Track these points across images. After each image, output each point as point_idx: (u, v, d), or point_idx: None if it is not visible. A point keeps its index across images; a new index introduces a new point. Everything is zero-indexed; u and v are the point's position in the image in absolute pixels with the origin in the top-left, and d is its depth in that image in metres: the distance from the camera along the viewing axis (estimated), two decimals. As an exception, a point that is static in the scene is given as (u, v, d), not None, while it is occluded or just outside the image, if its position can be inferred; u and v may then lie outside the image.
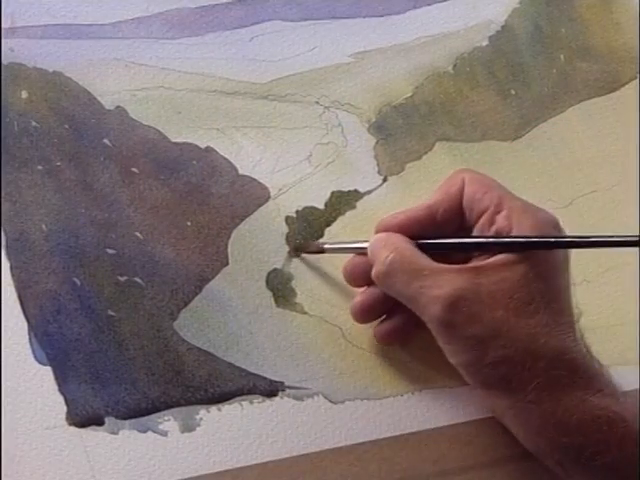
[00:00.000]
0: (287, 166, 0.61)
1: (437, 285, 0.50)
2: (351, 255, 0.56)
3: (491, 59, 0.65)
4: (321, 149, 0.61)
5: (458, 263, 0.52)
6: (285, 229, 0.59)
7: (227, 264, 0.58)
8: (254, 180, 0.60)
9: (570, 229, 0.61)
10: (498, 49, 0.65)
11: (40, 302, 0.55)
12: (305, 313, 0.58)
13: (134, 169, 0.59)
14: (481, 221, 0.53)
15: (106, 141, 0.59)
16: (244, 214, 0.59)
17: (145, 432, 0.54)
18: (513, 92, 0.64)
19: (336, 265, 0.59)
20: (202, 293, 0.57)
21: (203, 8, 0.63)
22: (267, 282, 0.58)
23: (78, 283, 0.56)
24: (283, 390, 0.56)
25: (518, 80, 0.65)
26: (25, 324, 0.55)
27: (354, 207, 0.60)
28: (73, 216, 0.57)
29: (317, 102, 0.62)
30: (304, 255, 0.58)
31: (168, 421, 0.54)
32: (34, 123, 0.59)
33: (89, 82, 0.60)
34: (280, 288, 0.58)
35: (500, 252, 0.51)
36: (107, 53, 0.61)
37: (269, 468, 0.54)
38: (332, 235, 0.59)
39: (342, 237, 0.59)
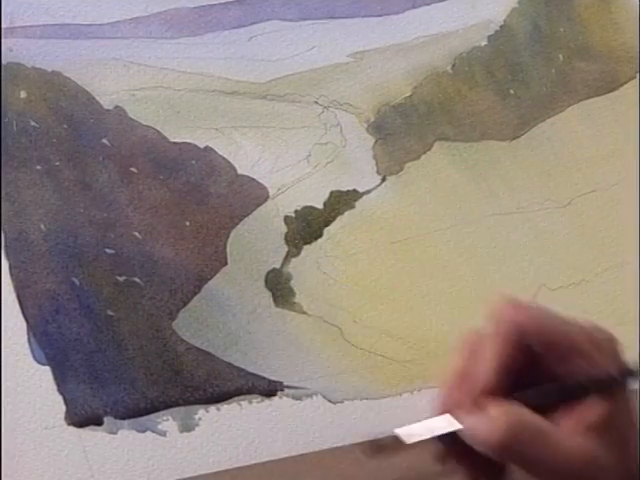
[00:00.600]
0: (286, 166, 0.61)
1: (568, 451, 0.46)
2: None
3: (490, 59, 0.65)
4: (320, 149, 0.61)
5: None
6: (284, 229, 0.59)
7: (226, 264, 0.58)
8: (253, 180, 0.60)
9: (568, 229, 0.61)
10: (497, 49, 0.65)
11: (39, 302, 0.55)
12: (304, 313, 0.58)
13: (133, 169, 0.59)
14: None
15: (105, 141, 0.59)
16: (243, 214, 0.59)
17: (144, 432, 0.54)
18: (512, 92, 0.64)
19: (335, 265, 0.59)
20: (201, 293, 0.57)
21: (202, 8, 0.63)
22: (266, 282, 0.58)
23: (77, 283, 0.56)
24: (282, 390, 0.56)
25: (517, 80, 0.65)
26: (24, 324, 0.55)
27: (353, 207, 0.60)
28: (72, 216, 0.57)
29: (316, 102, 0.62)
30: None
31: (167, 421, 0.54)
32: (33, 123, 0.59)
33: (88, 82, 0.60)
34: (279, 288, 0.58)
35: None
36: (106, 53, 0.61)
37: (268, 468, 0.54)
38: (331, 235, 0.59)
39: (341, 237, 0.59)
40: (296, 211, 0.60)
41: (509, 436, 0.46)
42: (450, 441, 0.47)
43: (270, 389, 0.56)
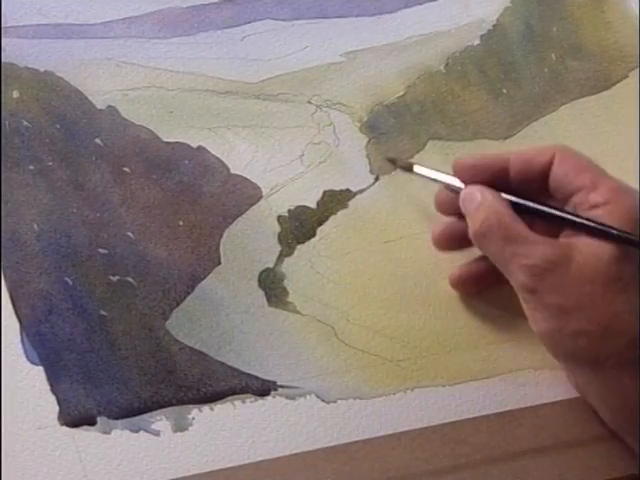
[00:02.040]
0: (279, 165, 0.61)
1: (529, 254, 0.51)
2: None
3: (483, 58, 0.65)
4: (313, 148, 0.61)
5: (543, 231, 0.53)
6: (277, 228, 0.59)
7: (219, 263, 0.58)
8: (246, 179, 0.60)
9: (562, 228, 0.61)
10: (490, 48, 0.65)
11: (32, 302, 0.55)
12: (297, 312, 0.58)
13: (126, 169, 0.59)
14: (574, 199, 0.53)
15: (98, 141, 0.59)
16: (236, 213, 0.59)
17: (137, 432, 0.54)
18: (505, 91, 0.65)
19: (329, 265, 0.59)
20: (194, 293, 0.57)
21: (194, 7, 0.63)
22: (259, 281, 0.58)
23: (70, 283, 0.56)
24: (275, 389, 0.56)
25: (510, 79, 0.65)
26: (17, 324, 0.55)
27: (346, 206, 0.60)
28: (65, 216, 0.57)
29: (309, 101, 0.62)
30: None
31: (160, 421, 0.54)
32: (25, 123, 0.59)
33: (80, 82, 0.60)
34: (272, 287, 0.58)
35: (593, 235, 0.51)
36: (98, 53, 0.61)
37: (262, 467, 0.54)
38: (324, 234, 0.59)
39: (334, 236, 0.59)
40: (289, 210, 0.60)
41: (482, 228, 0.53)
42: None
43: (264, 389, 0.56)
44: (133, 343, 0.55)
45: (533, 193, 0.55)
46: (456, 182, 0.56)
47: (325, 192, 0.60)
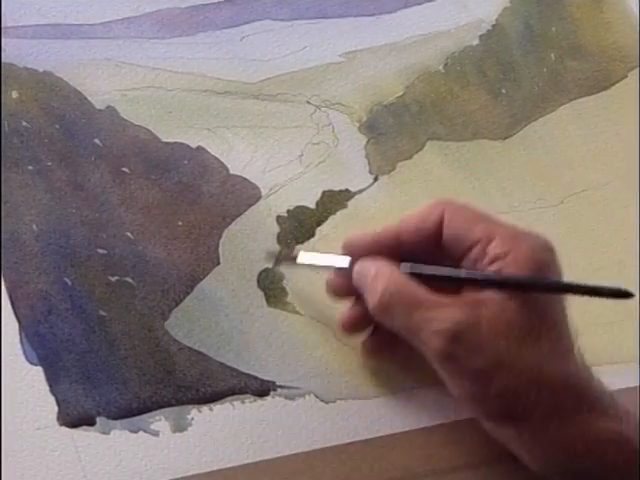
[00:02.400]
0: (278, 166, 0.61)
1: (438, 319, 0.49)
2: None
3: (482, 58, 0.65)
4: (312, 149, 0.61)
5: (444, 291, 0.51)
6: (276, 229, 0.59)
7: (218, 264, 0.58)
8: (245, 180, 0.60)
9: (561, 228, 0.61)
10: (489, 48, 0.65)
11: (31, 302, 0.55)
12: (296, 313, 0.58)
13: (125, 169, 0.59)
14: (472, 254, 0.52)
15: (97, 141, 0.59)
16: (235, 214, 0.59)
17: (136, 432, 0.54)
18: (504, 91, 0.65)
19: (328, 264, 0.59)
20: (193, 293, 0.57)
21: (193, 8, 0.63)
22: (258, 282, 0.58)
23: (69, 283, 0.56)
24: (274, 390, 0.56)
25: (509, 79, 0.65)
26: (16, 324, 0.55)
27: (345, 206, 0.60)
28: (64, 216, 0.57)
29: (308, 102, 0.62)
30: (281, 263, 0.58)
31: (159, 421, 0.54)
32: (24, 123, 0.59)
33: (80, 82, 0.60)
34: (271, 288, 0.58)
35: (498, 289, 0.50)
36: (97, 53, 0.61)
37: (261, 468, 0.54)
38: (323, 234, 0.59)
39: (333, 237, 0.59)
40: (288, 211, 0.60)
41: (383, 299, 0.51)
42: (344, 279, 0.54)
43: (263, 389, 0.56)
44: (132, 343, 0.55)
45: (428, 255, 0.53)
46: (345, 262, 0.54)
47: (324, 192, 0.60)
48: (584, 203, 0.63)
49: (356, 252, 0.54)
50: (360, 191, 0.61)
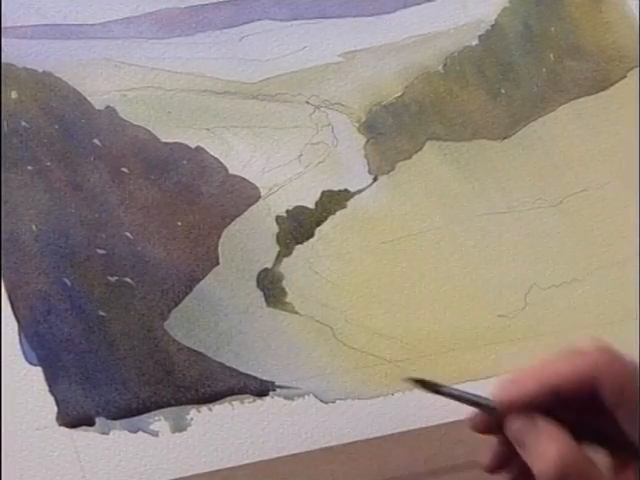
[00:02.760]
0: (277, 166, 0.61)
1: None
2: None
3: (481, 58, 0.65)
4: (311, 149, 0.61)
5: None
6: (276, 229, 0.59)
7: (217, 264, 0.58)
8: (244, 180, 0.60)
9: (560, 228, 0.61)
10: (488, 48, 0.65)
11: (30, 303, 0.55)
12: (296, 313, 0.58)
13: (124, 169, 0.59)
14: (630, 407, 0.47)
15: (96, 141, 0.59)
16: (234, 214, 0.59)
17: (136, 432, 0.54)
18: (503, 91, 0.65)
19: (327, 265, 0.59)
20: (193, 293, 0.57)
21: (193, 8, 0.63)
22: (258, 282, 0.58)
23: (68, 283, 0.56)
24: (274, 390, 0.56)
25: (508, 79, 0.65)
26: (15, 325, 0.55)
27: (345, 206, 0.60)
28: (63, 216, 0.57)
29: (307, 102, 0.62)
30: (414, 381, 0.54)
31: (159, 421, 0.54)
32: (24, 123, 0.59)
33: (79, 82, 0.60)
34: (271, 288, 0.58)
35: None
36: (97, 53, 0.61)
37: (260, 468, 0.54)
38: (322, 234, 0.59)
39: (333, 237, 0.59)
40: (288, 211, 0.60)
41: (558, 472, 0.46)
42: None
43: (262, 389, 0.56)
44: (132, 343, 0.55)
45: (582, 409, 0.48)
46: (489, 402, 0.48)
47: (323, 192, 0.60)
48: (583, 203, 0.63)
49: (506, 398, 0.48)
50: (359, 191, 0.61)
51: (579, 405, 0.48)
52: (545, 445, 0.47)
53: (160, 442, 0.54)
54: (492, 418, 0.48)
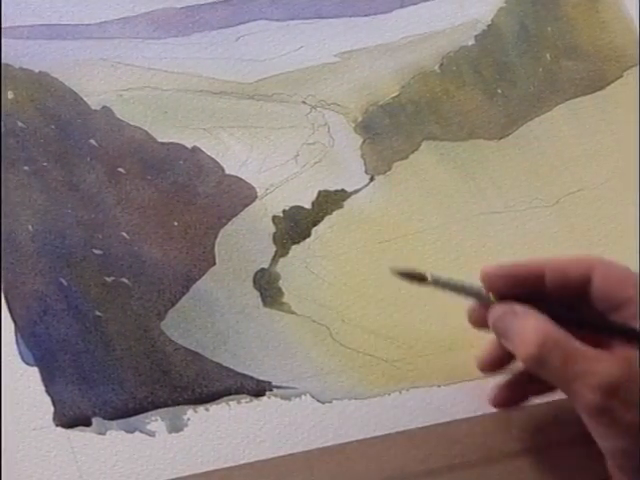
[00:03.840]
0: (274, 166, 0.61)
1: (594, 372, 0.49)
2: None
3: (477, 58, 0.65)
4: (308, 149, 0.61)
5: (590, 343, 0.50)
6: (272, 229, 0.59)
7: (214, 264, 0.58)
8: (241, 180, 0.60)
9: (557, 228, 0.61)
10: (484, 48, 0.65)
11: (27, 303, 0.55)
12: (292, 313, 0.58)
13: (121, 169, 0.59)
14: (623, 312, 0.51)
15: (92, 141, 0.59)
16: (231, 214, 0.59)
17: (132, 432, 0.54)
18: (499, 91, 0.65)
19: (324, 265, 0.59)
20: (189, 293, 0.57)
21: (189, 8, 0.63)
22: (254, 282, 0.58)
23: (65, 284, 0.56)
24: (271, 390, 0.56)
25: (504, 79, 0.65)
26: (12, 325, 0.55)
27: (341, 206, 0.60)
28: (59, 216, 0.57)
29: (303, 102, 0.62)
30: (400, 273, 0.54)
31: (155, 421, 0.54)
32: (20, 124, 0.59)
33: (75, 82, 0.60)
34: (267, 288, 0.58)
35: None
36: (93, 53, 0.61)
37: (257, 468, 0.54)
38: (319, 234, 0.59)
39: (329, 237, 0.59)
40: (284, 211, 0.60)
41: (537, 351, 0.49)
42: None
43: (259, 389, 0.56)
44: (128, 344, 0.55)
45: (569, 302, 0.52)
46: (482, 293, 0.53)
47: (320, 192, 0.60)
48: (580, 203, 0.63)
49: (495, 285, 0.53)
50: (356, 191, 0.61)
51: (567, 302, 0.52)
52: (524, 328, 0.50)
53: (157, 442, 0.54)
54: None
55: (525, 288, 0.52)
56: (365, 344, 0.58)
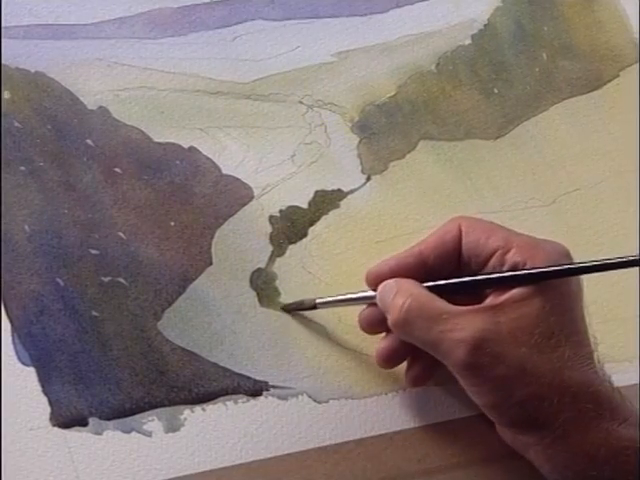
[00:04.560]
0: (270, 166, 0.61)
1: (458, 328, 0.50)
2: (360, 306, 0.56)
3: (474, 58, 0.65)
4: (304, 148, 0.61)
5: (468, 305, 0.51)
6: (269, 229, 0.59)
7: (211, 264, 0.58)
8: (237, 180, 0.60)
9: (553, 227, 0.61)
10: (481, 48, 0.65)
11: (23, 303, 0.55)
12: (289, 313, 0.58)
13: (117, 169, 0.59)
14: (490, 264, 0.52)
15: (89, 141, 0.59)
16: (228, 214, 0.59)
17: (129, 432, 0.54)
18: (496, 91, 0.65)
19: (320, 265, 0.59)
20: (186, 293, 0.57)
21: (185, 8, 0.63)
22: (251, 282, 0.58)
23: (61, 284, 0.56)
24: (267, 390, 0.56)
25: (501, 79, 0.65)
26: (8, 325, 0.55)
27: (338, 206, 0.60)
28: (56, 216, 0.57)
29: (300, 101, 0.62)
30: (290, 308, 0.58)
31: (152, 421, 0.54)
32: (16, 124, 0.59)
33: (71, 82, 0.60)
34: (264, 288, 0.58)
35: (514, 286, 0.50)
36: (89, 53, 0.61)
37: (254, 468, 0.54)
38: (316, 234, 0.59)
39: (326, 237, 0.59)
40: (281, 211, 0.60)
41: (403, 314, 0.51)
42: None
43: (255, 389, 0.56)
44: (125, 344, 0.55)
45: (450, 273, 0.53)
46: (368, 295, 0.55)
47: (317, 192, 0.60)
48: (576, 202, 0.63)
49: (380, 281, 0.54)
50: (352, 191, 0.61)
51: (446, 269, 0.53)
52: (395, 297, 0.52)
53: (153, 442, 0.54)
54: (378, 310, 0.54)
55: (410, 273, 0.53)
56: (362, 344, 0.58)
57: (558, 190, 0.63)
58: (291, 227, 0.59)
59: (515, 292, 0.50)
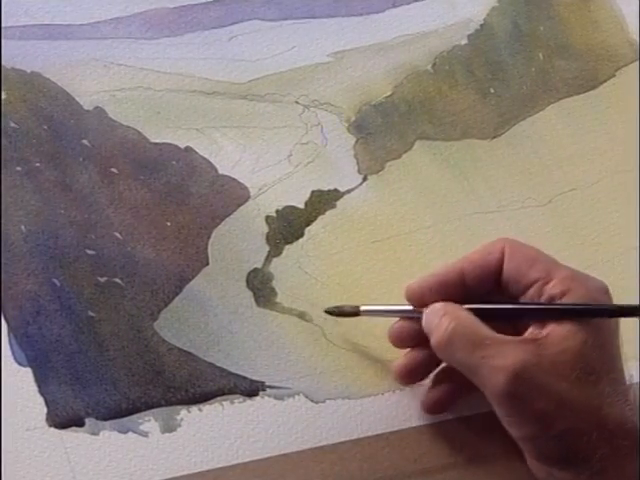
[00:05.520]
0: (267, 166, 0.61)
1: (500, 355, 0.49)
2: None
3: (470, 58, 0.65)
4: (301, 148, 0.61)
5: (508, 333, 0.51)
6: (265, 229, 0.59)
7: (207, 264, 0.58)
8: (234, 180, 0.60)
9: (549, 227, 0.61)
10: (477, 48, 0.65)
11: (20, 303, 0.55)
12: (286, 313, 0.58)
13: (113, 169, 0.59)
14: (529, 293, 0.52)
15: (85, 142, 0.59)
16: (224, 214, 0.59)
17: (126, 433, 0.54)
18: (492, 90, 0.65)
19: (317, 265, 0.59)
20: (182, 293, 0.57)
21: (182, 8, 0.63)
22: (247, 282, 0.58)
23: (58, 284, 0.56)
24: (264, 390, 0.56)
25: (497, 79, 0.65)
26: (5, 325, 0.55)
27: (334, 206, 0.60)
28: (52, 217, 0.57)
29: (296, 101, 0.62)
30: (333, 312, 0.57)
31: (149, 421, 0.54)
32: (12, 124, 0.59)
33: (68, 83, 0.60)
34: (260, 288, 0.58)
35: (556, 320, 0.50)
36: (86, 53, 0.61)
37: (250, 468, 0.54)
38: (312, 234, 0.59)
39: (322, 237, 0.59)
40: (277, 211, 0.60)
41: (447, 336, 0.51)
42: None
43: (252, 389, 0.56)
44: (121, 344, 0.55)
45: (491, 295, 0.54)
46: (409, 309, 0.55)
47: (313, 192, 0.60)
48: (572, 202, 0.63)
49: (420, 299, 0.54)
50: (349, 191, 0.61)
51: (487, 290, 0.54)
52: (440, 319, 0.52)
53: (150, 442, 0.54)
54: (411, 326, 0.54)
55: (449, 292, 0.53)
56: (358, 344, 0.58)
57: (554, 190, 0.63)
58: (288, 227, 0.59)
59: (559, 328, 0.50)
